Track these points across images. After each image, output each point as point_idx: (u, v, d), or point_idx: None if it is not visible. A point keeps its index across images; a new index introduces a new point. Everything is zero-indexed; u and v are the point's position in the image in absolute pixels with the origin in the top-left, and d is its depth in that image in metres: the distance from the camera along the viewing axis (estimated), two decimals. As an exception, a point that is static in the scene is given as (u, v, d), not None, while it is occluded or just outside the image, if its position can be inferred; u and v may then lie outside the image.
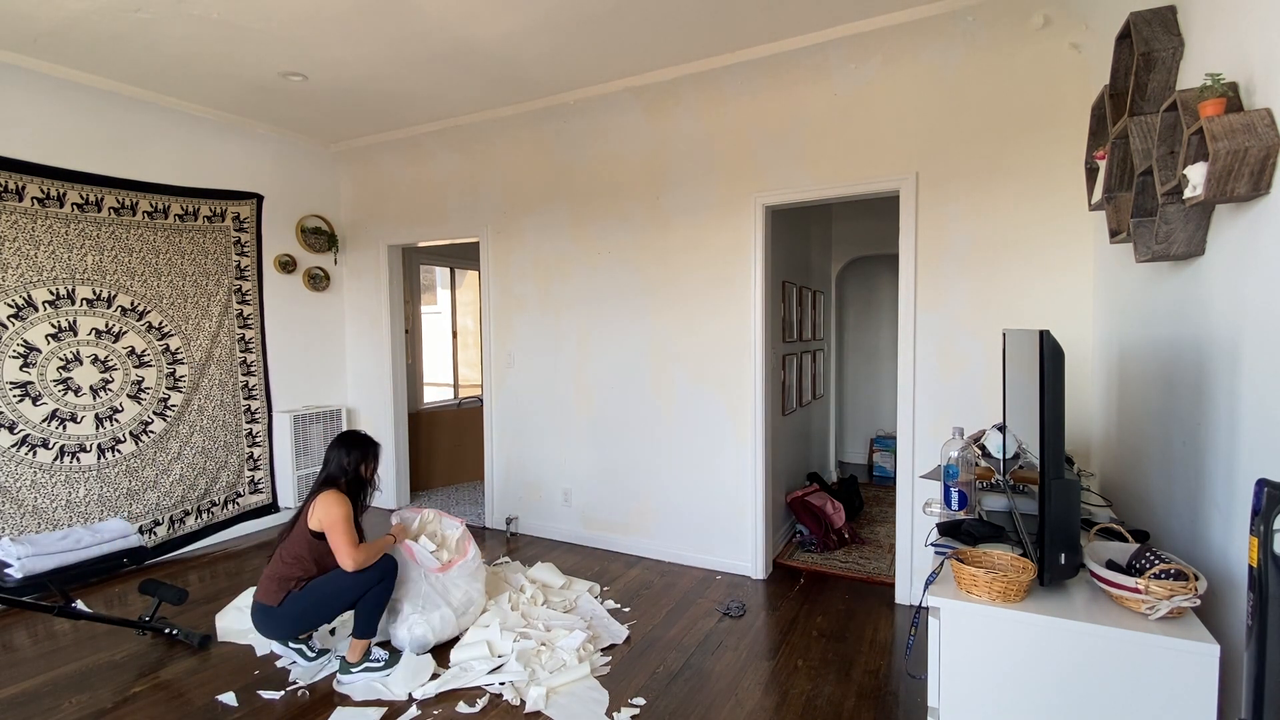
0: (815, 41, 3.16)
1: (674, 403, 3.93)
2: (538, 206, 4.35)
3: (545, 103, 3.96)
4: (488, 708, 2.41)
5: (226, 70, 3.54)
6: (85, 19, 2.96)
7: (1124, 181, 2.11)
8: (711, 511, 3.85)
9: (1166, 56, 1.85)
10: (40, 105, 3.50)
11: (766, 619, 3.18)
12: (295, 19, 2.96)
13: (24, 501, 3.48)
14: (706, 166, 3.76)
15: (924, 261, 3.24)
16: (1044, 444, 1.44)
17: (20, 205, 3.45)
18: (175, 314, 4.14)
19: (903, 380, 3.31)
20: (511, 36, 3.15)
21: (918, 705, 2.44)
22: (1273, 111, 1.33)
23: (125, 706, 2.45)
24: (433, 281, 6.91)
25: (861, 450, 6.56)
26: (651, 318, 3.98)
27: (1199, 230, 1.66)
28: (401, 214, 4.94)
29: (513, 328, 4.53)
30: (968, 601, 1.45)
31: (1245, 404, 1.44)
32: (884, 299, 6.41)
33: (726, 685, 2.59)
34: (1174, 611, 1.32)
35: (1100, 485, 2.67)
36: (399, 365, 5.17)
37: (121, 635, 2.99)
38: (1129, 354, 2.32)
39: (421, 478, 5.62)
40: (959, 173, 3.13)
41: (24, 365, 3.49)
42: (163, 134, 4.04)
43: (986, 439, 2.42)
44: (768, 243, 3.66)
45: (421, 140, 4.58)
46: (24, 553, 3.20)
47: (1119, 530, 1.64)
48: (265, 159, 4.61)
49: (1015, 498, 1.94)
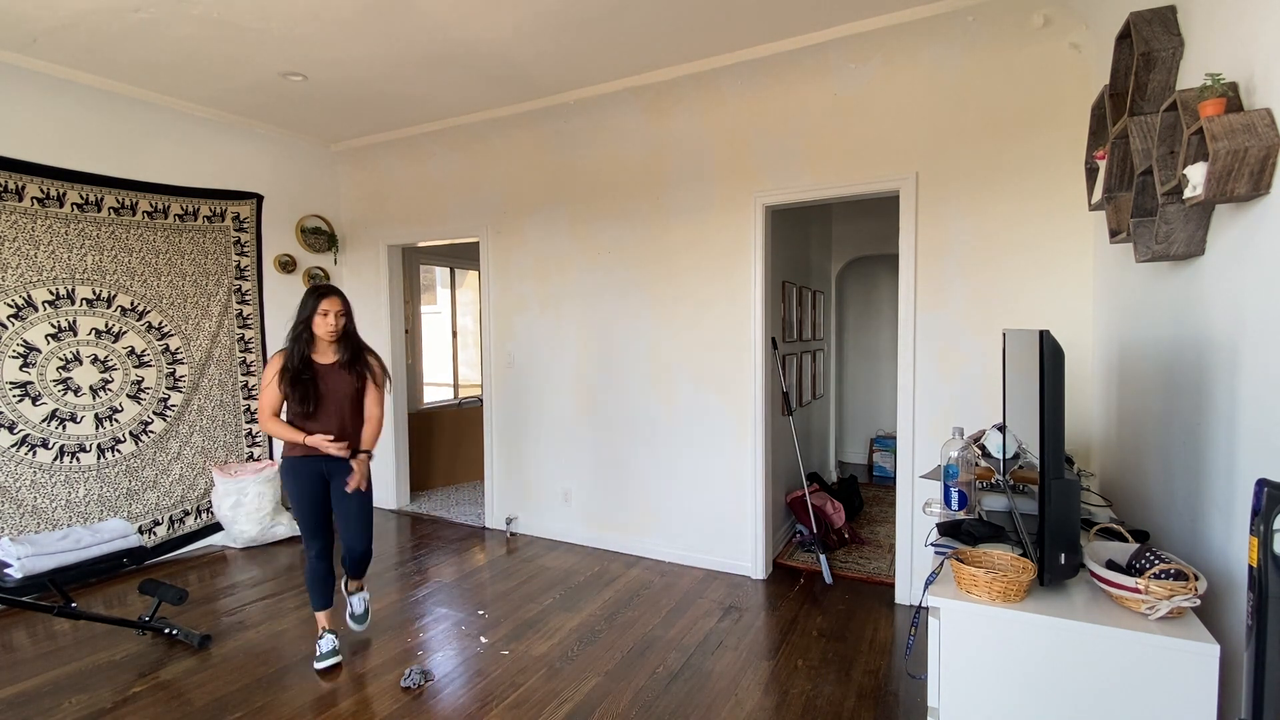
0: (815, 41, 3.16)
1: (674, 402, 3.93)
2: (538, 206, 4.35)
3: (545, 103, 3.96)
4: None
5: (226, 70, 3.54)
6: (85, 19, 2.96)
7: (1124, 181, 2.11)
8: (711, 511, 3.84)
9: (1166, 56, 1.85)
10: (40, 105, 3.50)
11: (766, 619, 3.18)
12: (295, 19, 2.96)
13: (24, 501, 3.47)
14: (706, 166, 3.76)
15: (924, 261, 3.24)
16: (1044, 444, 1.44)
17: (20, 205, 3.45)
18: (175, 314, 4.14)
19: (903, 380, 3.31)
20: (511, 36, 3.15)
21: (918, 705, 2.44)
22: (1273, 111, 1.33)
23: (125, 706, 2.45)
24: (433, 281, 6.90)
25: (861, 450, 6.56)
26: (651, 318, 3.98)
27: (1199, 230, 1.66)
28: (401, 214, 4.94)
29: (513, 328, 4.53)
30: (968, 601, 1.45)
31: (1245, 404, 1.43)
32: (884, 299, 6.41)
33: (726, 685, 2.59)
34: (1174, 611, 1.32)
35: (1100, 485, 2.67)
36: (399, 365, 5.17)
37: (121, 635, 2.99)
38: (1129, 354, 2.32)
39: (421, 478, 5.62)
40: (959, 173, 3.13)
41: (24, 365, 3.49)
42: (162, 134, 4.04)
43: (986, 439, 2.42)
44: (768, 243, 3.65)
45: (421, 140, 4.58)
46: (24, 553, 3.20)
47: (1119, 530, 1.64)
48: (265, 159, 4.61)
49: (1015, 498, 1.94)
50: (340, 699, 2.50)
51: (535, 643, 2.94)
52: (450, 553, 4.15)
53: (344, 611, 2.99)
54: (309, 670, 2.71)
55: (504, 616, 3.21)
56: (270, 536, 4.28)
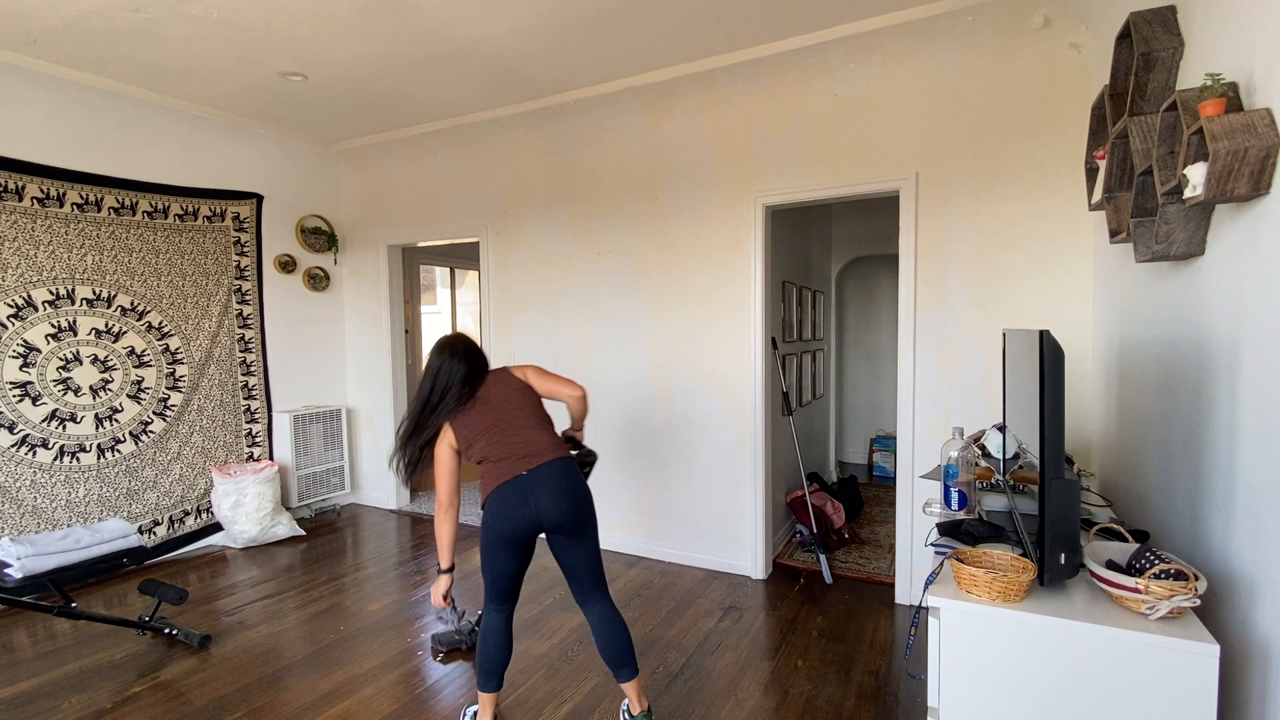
0: (815, 41, 3.16)
1: (674, 402, 3.93)
2: (538, 206, 4.35)
3: (545, 103, 3.96)
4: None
5: (226, 70, 3.54)
6: (85, 18, 2.96)
7: (1124, 181, 2.11)
8: (711, 511, 3.84)
9: (1166, 56, 1.85)
10: (40, 105, 3.50)
11: (766, 619, 3.18)
12: (295, 19, 2.96)
13: (24, 501, 3.47)
14: (706, 166, 3.76)
15: (924, 261, 3.24)
16: (1044, 444, 1.44)
17: (20, 205, 3.45)
18: (175, 314, 4.14)
19: (903, 380, 3.31)
20: (511, 36, 3.15)
21: (918, 705, 2.44)
22: (1273, 111, 1.33)
23: (125, 706, 2.45)
24: (433, 281, 6.91)
25: (861, 450, 6.56)
26: (651, 317, 3.98)
27: (1199, 230, 1.65)
28: (401, 214, 4.94)
29: (513, 328, 4.53)
30: (968, 601, 1.45)
31: (1245, 404, 1.43)
32: (884, 299, 6.41)
33: (726, 685, 2.59)
34: (1174, 611, 1.32)
35: (1100, 485, 2.67)
36: (399, 365, 5.17)
37: (121, 635, 2.99)
38: (1129, 354, 2.32)
39: (421, 478, 5.60)
40: (959, 173, 3.13)
41: (24, 365, 3.49)
42: (162, 134, 4.04)
43: (986, 439, 2.42)
44: (768, 243, 3.65)
45: (421, 140, 4.58)
46: (24, 553, 3.21)
47: (1119, 530, 1.64)
48: (265, 159, 4.61)
49: (1015, 498, 1.94)
50: (341, 699, 2.50)
51: (535, 643, 2.94)
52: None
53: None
54: (309, 670, 2.71)
55: (504, 616, 3.20)
56: (270, 536, 4.28)
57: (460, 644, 2.87)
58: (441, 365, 2.21)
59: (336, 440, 5.01)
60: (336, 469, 5.03)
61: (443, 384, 2.20)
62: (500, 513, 2.09)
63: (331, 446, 4.97)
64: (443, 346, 2.25)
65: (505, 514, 2.08)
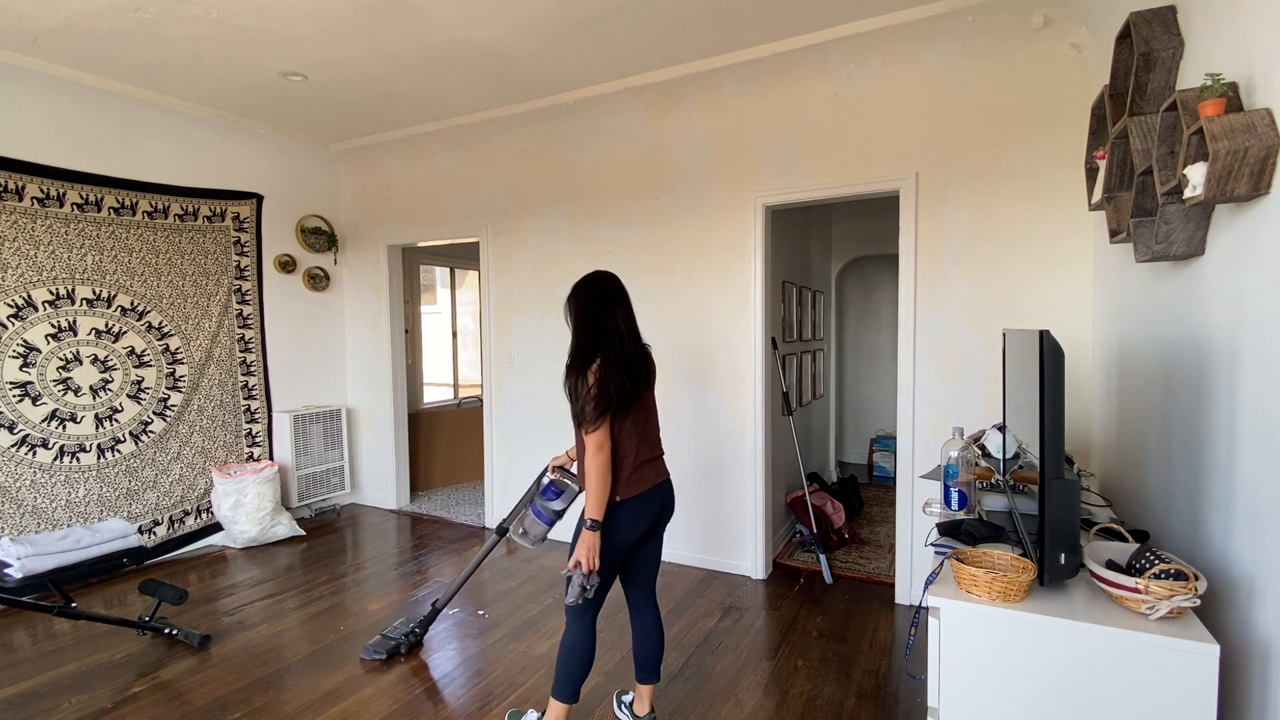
0: (815, 41, 3.16)
1: (673, 402, 3.92)
2: (538, 206, 4.35)
3: (545, 103, 3.96)
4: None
5: (226, 70, 3.54)
6: (85, 19, 2.96)
7: (1124, 181, 2.11)
8: (711, 511, 3.84)
9: (1166, 56, 1.85)
10: (40, 105, 3.50)
11: (766, 619, 3.18)
12: (295, 19, 2.96)
13: (24, 501, 3.47)
14: (706, 166, 3.76)
15: (924, 261, 3.24)
16: (1044, 444, 1.44)
17: (20, 205, 3.45)
18: (175, 314, 4.14)
19: (903, 380, 3.31)
20: (511, 36, 3.15)
21: (918, 705, 2.44)
22: (1273, 111, 1.33)
23: (125, 706, 2.45)
24: (433, 281, 6.91)
25: (861, 450, 6.56)
26: (651, 317, 3.98)
27: (1199, 230, 1.66)
28: (401, 214, 4.94)
29: (513, 328, 4.53)
30: (968, 601, 1.45)
31: (1245, 404, 1.43)
32: (884, 299, 6.41)
33: (726, 685, 2.59)
34: (1174, 611, 1.32)
35: (1100, 485, 2.67)
36: (399, 365, 5.17)
37: (121, 635, 2.99)
38: (1129, 354, 2.32)
39: (421, 478, 5.62)
40: (959, 173, 3.13)
41: (24, 365, 3.49)
42: (163, 134, 4.04)
43: (986, 439, 2.42)
44: (768, 243, 3.65)
45: (421, 140, 4.58)
46: (24, 553, 3.21)
47: (1119, 530, 1.64)
48: (265, 159, 4.61)
49: (1015, 498, 1.94)
50: (341, 699, 2.50)
51: (535, 643, 2.94)
52: (450, 553, 4.15)
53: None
54: (309, 670, 2.71)
55: (504, 616, 3.21)
56: (270, 536, 4.28)
57: (399, 648, 2.83)
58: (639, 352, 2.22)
59: (336, 440, 5.01)
60: (336, 469, 5.03)
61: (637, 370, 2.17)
62: (638, 517, 2.08)
63: (331, 446, 4.97)
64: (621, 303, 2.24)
65: (641, 519, 2.09)
